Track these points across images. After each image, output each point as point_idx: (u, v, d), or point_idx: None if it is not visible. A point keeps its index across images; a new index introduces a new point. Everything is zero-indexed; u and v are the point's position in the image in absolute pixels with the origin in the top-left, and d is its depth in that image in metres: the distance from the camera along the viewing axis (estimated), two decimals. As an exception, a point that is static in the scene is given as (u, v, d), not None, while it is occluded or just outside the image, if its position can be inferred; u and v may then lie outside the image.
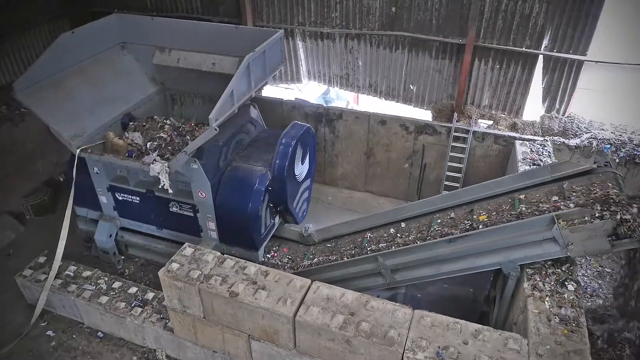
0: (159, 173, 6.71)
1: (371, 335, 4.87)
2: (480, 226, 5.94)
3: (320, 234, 7.91)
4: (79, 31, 8.02)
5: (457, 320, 4.99)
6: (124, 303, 6.91)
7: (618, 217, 4.84)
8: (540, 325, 4.84)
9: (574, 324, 4.83)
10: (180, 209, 7.63)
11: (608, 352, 5.46)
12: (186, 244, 6.13)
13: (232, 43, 8.10)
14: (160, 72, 9.00)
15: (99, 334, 7.19)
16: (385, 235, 7.02)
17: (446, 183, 9.47)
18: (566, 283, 5.25)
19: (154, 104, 9.01)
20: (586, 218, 5.09)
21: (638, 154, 8.17)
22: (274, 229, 8.12)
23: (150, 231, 8.21)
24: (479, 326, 4.89)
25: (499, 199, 6.37)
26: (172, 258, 5.90)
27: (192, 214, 7.59)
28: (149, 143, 7.92)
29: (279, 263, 7.80)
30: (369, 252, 6.78)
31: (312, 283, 5.46)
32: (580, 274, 7.89)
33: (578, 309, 4.99)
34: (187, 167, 6.93)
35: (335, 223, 7.93)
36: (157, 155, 7.48)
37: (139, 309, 6.80)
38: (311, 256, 7.63)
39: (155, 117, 8.74)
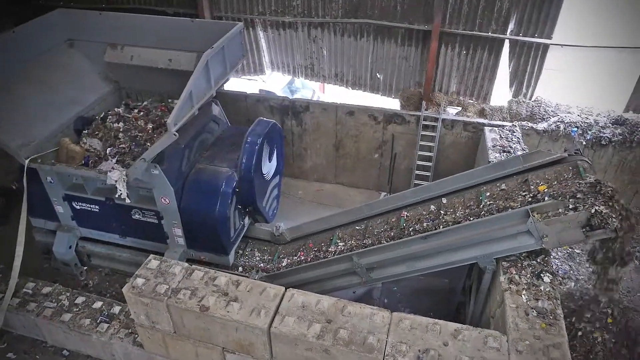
0: (116, 181, 6.30)
1: (350, 342, 4.71)
2: (546, 198, 5.40)
3: (292, 232, 7.70)
4: (20, 30, 7.41)
5: (436, 320, 4.88)
6: (89, 319, 6.50)
7: (593, 209, 4.80)
8: (518, 320, 4.81)
9: (551, 317, 4.82)
10: (143, 216, 7.25)
11: (583, 342, 5.51)
12: (151, 256, 5.78)
13: (189, 38, 7.66)
14: (113, 71, 8.44)
15: (64, 352, 6.78)
16: (425, 213, 6.47)
17: (417, 172, 9.40)
18: (542, 275, 5.24)
19: (108, 104, 8.45)
20: (560, 210, 5.06)
21: (604, 136, 8.26)
22: (244, 230, 7.84)
23: (113, 240, 7.79)
24: (459, 325, 4.79)
25: (556, 167, 5.79)
26: (136, 272, 5.54)
27: (156, 221, 7.22)
28: (108, 149, 7.44)
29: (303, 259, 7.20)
30: (411, 233, 6.21)
31: (286, 290, 5.25)
32: (550, 257, 7.98)
33: (555, 300, 4.98)
34: (147, 174, 6.53)
35: (307, 219, 7.72)
36: (117, 161, 7.05)
37: (105, 325, 6.44)
38: (338, 241, 7.03)
39: (108, 117, 8.09)
